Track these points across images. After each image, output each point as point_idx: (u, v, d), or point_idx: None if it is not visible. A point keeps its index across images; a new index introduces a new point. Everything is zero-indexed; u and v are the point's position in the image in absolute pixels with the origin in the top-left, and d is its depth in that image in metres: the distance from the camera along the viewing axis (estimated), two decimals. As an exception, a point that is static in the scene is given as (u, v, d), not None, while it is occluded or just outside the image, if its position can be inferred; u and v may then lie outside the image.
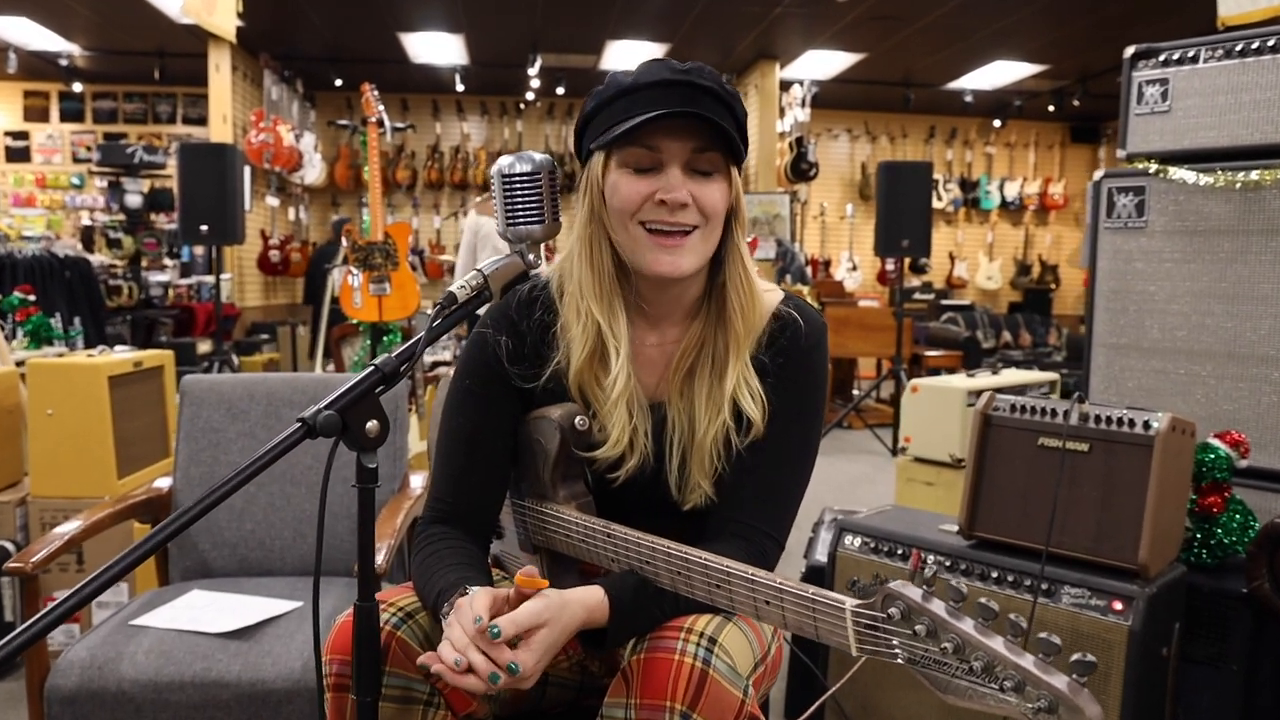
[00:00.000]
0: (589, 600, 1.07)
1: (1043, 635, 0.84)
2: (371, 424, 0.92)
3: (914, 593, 0.86)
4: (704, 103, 1.13)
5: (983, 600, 0.83)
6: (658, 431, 1.24)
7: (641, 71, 1.16)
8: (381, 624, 1.10)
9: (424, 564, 1.18)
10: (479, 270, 1.05)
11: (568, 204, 1.10)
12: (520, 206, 1.08)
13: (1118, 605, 1.60)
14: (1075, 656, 0.82)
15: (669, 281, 1.19)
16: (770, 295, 1.28)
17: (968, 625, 0.83)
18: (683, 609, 1.11)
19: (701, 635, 1.06)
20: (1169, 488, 1.66)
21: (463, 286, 1.04)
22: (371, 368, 0.95)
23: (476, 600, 0.99)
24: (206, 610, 1.90)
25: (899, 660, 0.88)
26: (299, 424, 0.87)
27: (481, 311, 1.19)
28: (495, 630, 0.96)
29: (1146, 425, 1.64)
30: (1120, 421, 1.67)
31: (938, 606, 0.84)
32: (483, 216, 5.22)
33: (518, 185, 1.08)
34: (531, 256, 1.10)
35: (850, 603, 0.91)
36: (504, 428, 1.26)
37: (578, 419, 1.20)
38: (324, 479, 0.87)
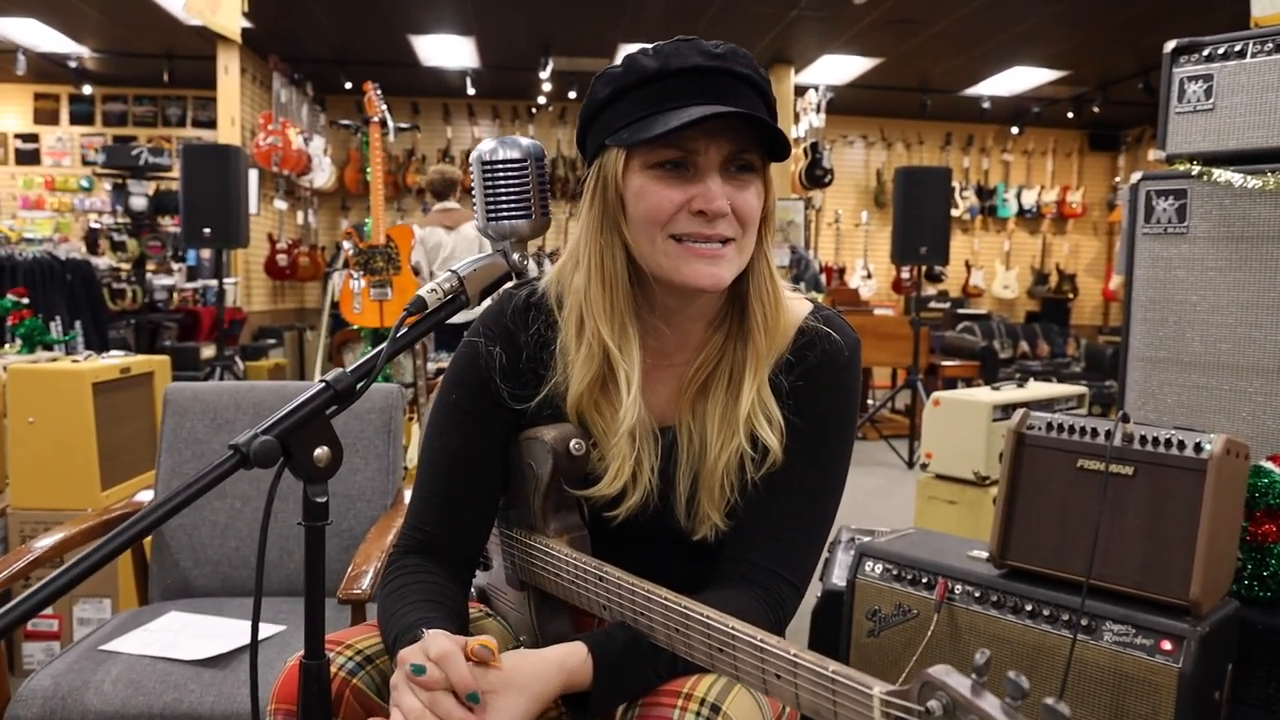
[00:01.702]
0: (569, 660, 0.93)
1: None
2: (320, 451, 0.78)
3: (960, 683, 0.68)
4: (744, 95, 1.00)
5: (1049, 701, 0.64)
6: (665, 460, 1.09)
7: (669, 53, 1.01)
8: (336, 669, 0.97)
9: (388, 600, 1.05)
10: (454, 272, 0.92)
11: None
12: (504, 198, 0.94)
13: (1166, 645, 1.46)
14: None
15: (698, 293, 1.04)
16: (797, 305, 1.13)
17: None
18: (680, 669, 0.96)
19: (702, 703, 0.91)
20: (1222, 516, 1.51)
21: (434, 290, 0.90)
22: (322, 384, 0.81)
23: (432, 645, 0.86)
24: (182, 634, 1.79)
25: None
26: (231, 451, 0.74)
27: (458, 319, 1.04)
28: (475, 696, 0.84)
29: (1198, 447, 1.50)
30: (1168, 443, 1.52)
31: (991, 705, 0.66)
32: (427, 228, 4.97)
33: (501, 174, 0.94)
34: (516, 256, 0.96)
35: (879, 689, 0.74)
36: (494, 451, 1.12)
37: (573, 443, 1.05)
38: (265, 514, 0.74)
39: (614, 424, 1.05)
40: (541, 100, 9.98)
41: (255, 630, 0.76)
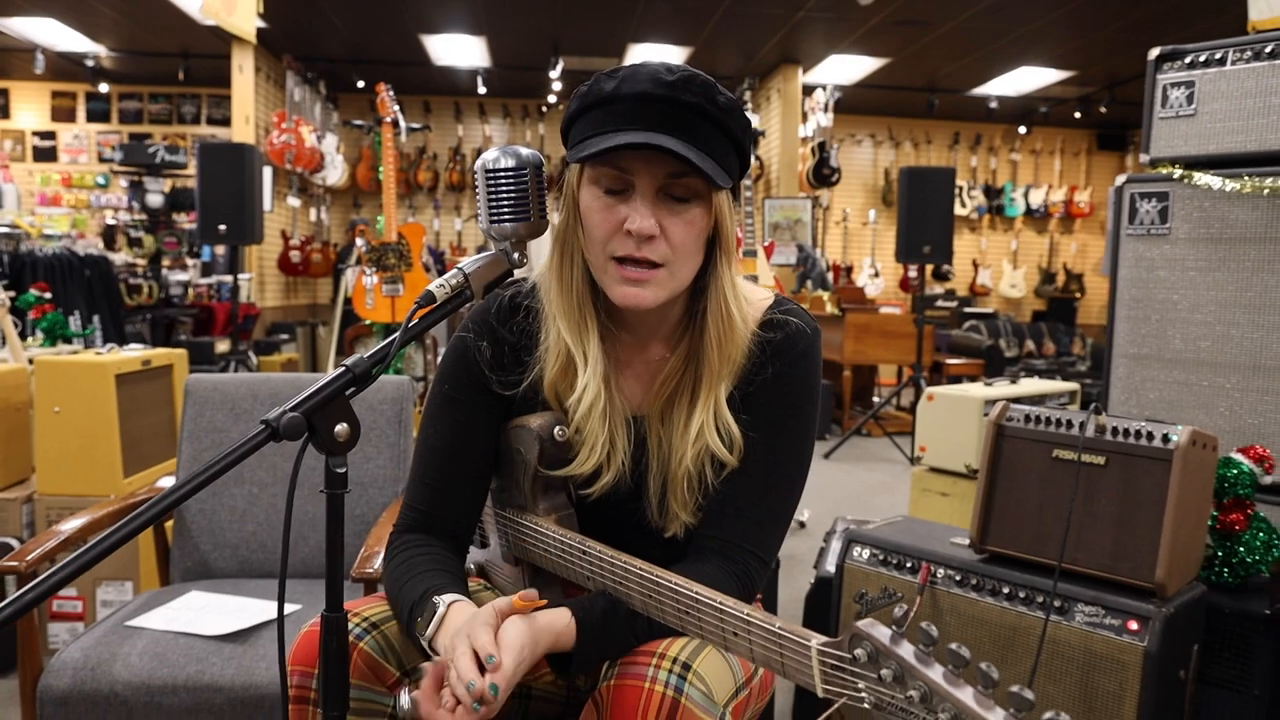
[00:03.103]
0: (556, 624, 1.03)
1: (1014, 690, 0.77)
2: (341, 427, 0.88)
3: (882, 633, 0.80)
4: (686, 123, 1.03)
5: (953, 646, 0.76)
6: (637, 452, 1.19)
7: (625, 77, 1.05)
8: None
9: (395, 571, 1.15)
10: (459, 268, 1.02)
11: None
12: (505, 203, 1.04)
13: (1133, 625, 1.54)
14: (1049, 714, 0.74)
15: (640, 311, 1.13)
16: (756, 308, 1.21)
17: (936, 673, 0.77)
18: (656, 633, 1.06)
19: (674, 661, 1.01)
20: (1189, 504, 1.59)
21: (441, 285, 1.00)
22: (342, 368, 0.91)
23: (477, 636, 0.96)
24: (203, 612, 1.88)
25: (865, 705, 0.82)
26: (262, 426, 0.84)
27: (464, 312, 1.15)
28: (495, 688, 0.93)
29: (1165, 438, 1.58)
30: (1138, 434, 1.60)
31: (906, 651, 0.78)
32: None
33: (502, 181, 1.04)
34: (516, 255, 1.06)
35: (816, 641, 0.85)
36: (484, 436, 1.22)
37: (557, 429, 1.15)
38: (292, 479, 0.84)
39: (579, 408, 1.15)
40: (552, 99, 10.08)
41: (281, 591, 0.85)
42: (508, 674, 0.95)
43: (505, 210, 1.04)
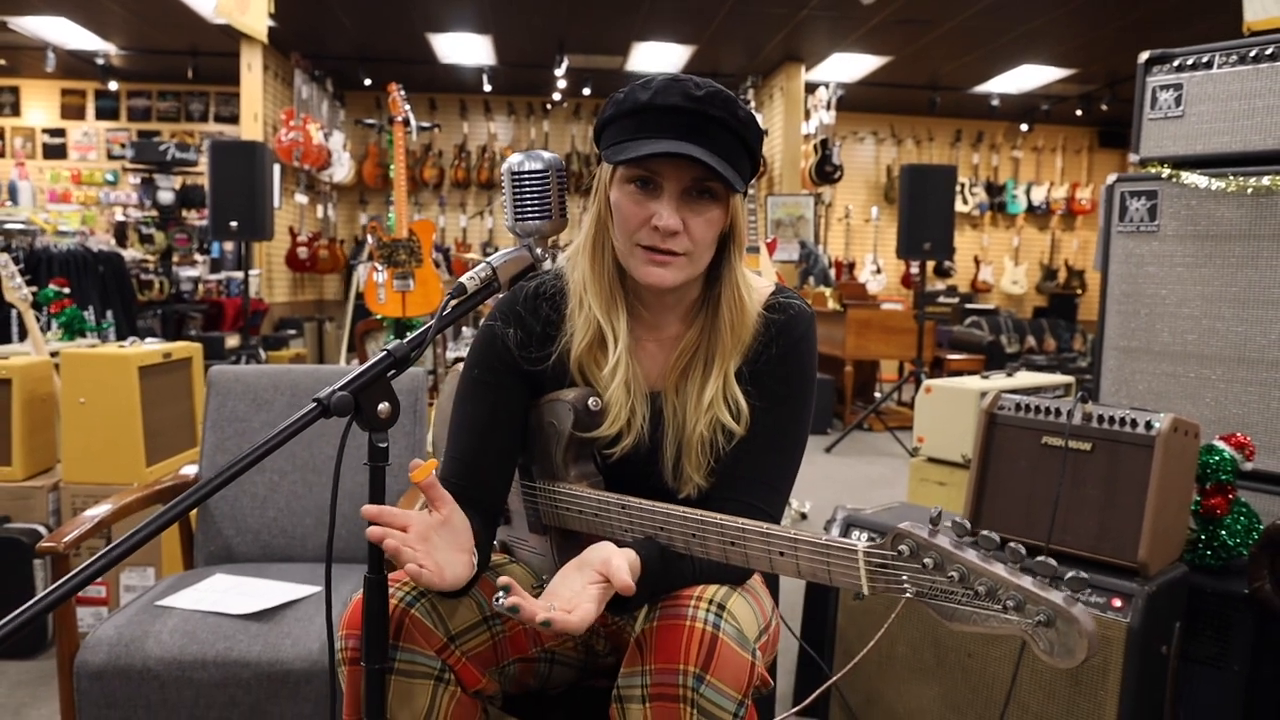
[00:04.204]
0: (628, 556, 1.12)
1: (1039, 559, 0.89)
2: (383, 406, 0.97)
3: (922, 530, 0.92)
4: (711, 133, 1.16)
5: (985, 532, 0.90)
6: (654, 420, 1.29)
7: (658, 90, 1.17)
8: (396, 601, 1.17)
9: None
10: (488, 263, 1.11)
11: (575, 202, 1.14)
12: (529, 203, 1.14)
13: (1117, 602, 1.62)
14: (1070, 574, 0.88)
15: (662, 290, 1.24)
16: (760, 294, 1.32)
17: (972, 555, 0.90)
18: (701, 571, 1.17)
19: (711, 602, 1.11)
20: (1170, 488, 1.67)
21: (472, 278, 1.09)
22: (384, 353, 1.00)
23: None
24: (229, 593, 1.96)
25: (908, 594, 0.94)
26: (314, 404, 0.93)
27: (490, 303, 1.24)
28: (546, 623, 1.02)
29: (1148, 425, 1.66)
30: (1122, 422, 1.69)
31: (944, 540, 0.91)
32: None
33: (527, 182, 1.13)
34: (539, 251, 1.15)
35: (862, 545, 0.97)
36: (512, 415, 1.31)
37: (590, 400, 1.25)
38: (339, 453, 0.92)
39: (610, 380, 1.27)
40: (556, 97, 10.15)
41: (329, 560, 0.94)
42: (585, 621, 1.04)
43: (530, 209, 1.14)
